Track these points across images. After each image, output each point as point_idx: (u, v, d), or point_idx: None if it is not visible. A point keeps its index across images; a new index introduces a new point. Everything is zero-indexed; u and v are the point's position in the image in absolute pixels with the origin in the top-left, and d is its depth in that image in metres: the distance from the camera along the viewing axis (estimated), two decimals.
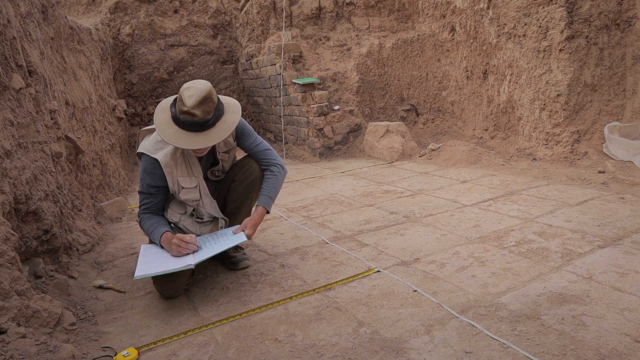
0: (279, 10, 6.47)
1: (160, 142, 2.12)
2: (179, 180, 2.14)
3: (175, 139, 1.95)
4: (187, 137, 1.95)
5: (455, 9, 5.76)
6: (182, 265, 1.94)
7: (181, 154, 2.14)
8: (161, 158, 2.07)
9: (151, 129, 2.23)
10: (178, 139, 1.95)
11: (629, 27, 4.30)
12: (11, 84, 2.16)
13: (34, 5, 2.91)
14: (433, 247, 2.53)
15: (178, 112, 1.94)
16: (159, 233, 2.09)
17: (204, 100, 1.93)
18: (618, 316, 1.70)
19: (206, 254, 1.98)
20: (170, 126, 1.98)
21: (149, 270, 1.93)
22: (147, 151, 2.09)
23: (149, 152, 2.09)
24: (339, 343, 1.66)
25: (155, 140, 2.13)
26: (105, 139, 4.41)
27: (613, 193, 3.27)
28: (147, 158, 2.09)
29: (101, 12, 6.87)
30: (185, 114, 1.92)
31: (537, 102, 4.60)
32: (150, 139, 2.15)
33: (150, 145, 2.12)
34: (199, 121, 1.93)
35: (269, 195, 2.25)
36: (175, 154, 2.11)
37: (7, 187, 1.85)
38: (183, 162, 2.15)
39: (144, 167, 2.11)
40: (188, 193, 2.17)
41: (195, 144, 1.95)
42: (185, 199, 2.18)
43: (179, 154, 2.13)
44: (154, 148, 2.10)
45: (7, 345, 1.42)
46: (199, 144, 1.96)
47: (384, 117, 6.30)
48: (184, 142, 1.94)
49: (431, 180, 4.12)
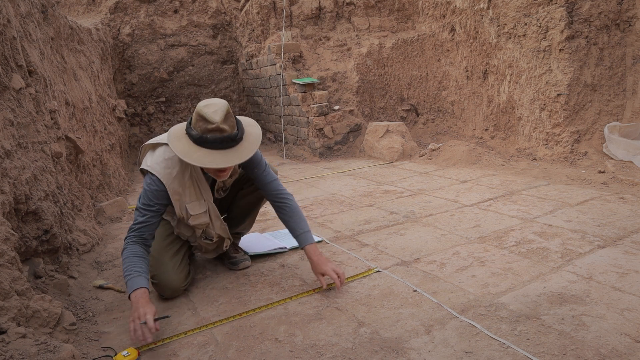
0: (279, 10, 6.47)
1: (168, 159, 1.98)
2: (187, 207, 2.04)
3: (208, 160, 1.83)
4: (219, 156, 1.84)
5: (455, 9, 5.76)
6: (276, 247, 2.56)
7: (189, 177, 2.02)
8: (169, 185, 1.96)
9: (154, 143, 2.10)
10: (212, 159, 1.83)
11: (629, 27, 4.30)
12: (11, 84, 2.16)
13: (34, 5, 2.91)
14: (433, 247, 2.53)
15: (203, 132, 1.83)
16: (133, 284, 1.80)
17: (227, 114, 1.85)
18: (618, 316, 1.70)
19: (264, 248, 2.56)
20: (196, 150, 1.85)
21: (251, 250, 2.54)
22: (154, 171, 1.96)
23: (157, 172, 1.96)
24: (339, 343, 1.66)
25: (163, 157, 1.99)
26: (105, 139, 4.41)
27: (613, 193, 3.27)
28: (155, 179, 1.96)
29: (101, 12, 6.87)
30: (214, 131, 1.82)
31: (537, 102, 4.60)
32: (157, 156, 2.01)
33: (158, 164, 1.98)
34: (230, 135, 1.84)
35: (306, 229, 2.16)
36: (183, 178, 2.00)
37: (7, 187, 1.85)
38: (192, 186, 2.04)
39: (150, 185, 1.96)
40: (198, 219, 2.09)
41: (230, 161, 1.85)
42: (195, 224, 2.10)
43: (187, 177, 2.01)
44: (161, 167, 1.97)
45: (7, 345, 1.42)
46: (234, 159, 1.86)
47: (384, 117, 6.30)
48: (218, 162, 1.84)
49: (431, 180, 4.12)
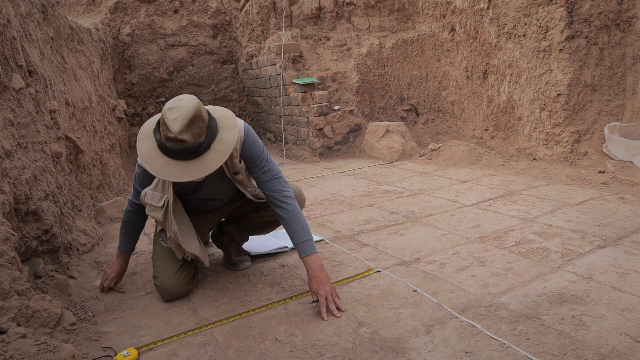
0: (279, 10, 6.46)
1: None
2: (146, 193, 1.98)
3: (165, 171, 1.70)
4: (178, 168, 1.70)
5: (455, 9, 5.76)
6: (277, 247, 2.57)
7: None
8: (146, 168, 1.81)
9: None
10: (169, 171, 1.70)
11: (629, 27, 4.30)
12: (11, 84, 2.16)
13: (34, 5, 2.91)
14: (433, 247, 2.53)
15: (164, 139, 1.67)
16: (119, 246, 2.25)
17: (192, 121, 1.65)
18: (618, 316, 1.70)
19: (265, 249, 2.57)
20: (157, 156, 1.72)
21: (253, 249, 2.55)
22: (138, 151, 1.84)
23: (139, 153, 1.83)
24: (339, 343, 1.66)
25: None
26: (105, 139, 4.41)
27: (613, 193, 3.27)
28: (139, 161, 1.94)
29: (101, 12, 6.87)
30: (173, 141, 1.65)
31: (537, 102, 4.60)
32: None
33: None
34: (190, 147, 1.67)
35: (305, 238, 1.95)
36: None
37: (7, 187, 1.85)
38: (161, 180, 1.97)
39: (137, 167, 2.00)
40: (153, 211, 1.99)
41: (189, 175, 1.70)
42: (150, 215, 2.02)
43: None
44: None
45: (7, 345, 1.42)
46: (194, 174, 1.70)
47: (384, 117, 6.29)
48: (176, 175, 1.70)
49: (431, 180, 4.12)
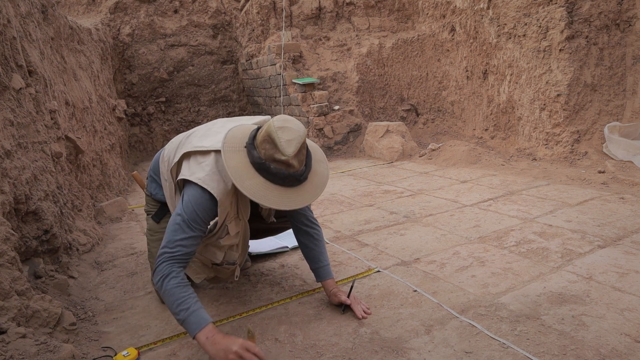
0: (279, 10, 6.46)
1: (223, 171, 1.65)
2: (228, 227, 1.75)
3: (261, 194, 1.51)
4: (276, 193, 1.52)
5: (455, 9, 5.76)
6: (277, 247, 2.51)
7: (235, 191, 1.69)
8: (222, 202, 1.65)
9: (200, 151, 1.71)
10: (265, 194, 1.51)
11: (629, 27, 4.30)
12: (11, 84, 2.16)
13: (34, 5, 2.91)
14: (433, 247, 2.53)
15: (267, 159, 1.51)
16: (199, 319, 1.48)
17: (302, 146, 1.52)
18: (618, 316, 1.70)
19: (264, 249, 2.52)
20: (251, 175, 1.53)
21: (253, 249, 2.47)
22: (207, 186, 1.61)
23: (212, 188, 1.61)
24: (339, 343, 1.66)
25: (216, 169, 1.65)
26: (105, 139, 4.42)
27: (613, 193, 3.27)
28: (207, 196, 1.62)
29: (101, 12, 6.87)
30: (280, 164, 1.50)
31: (537, 102, 4.60)
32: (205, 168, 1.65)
33: (209, 175, 1.63)
34: (296, 174, 1.52)
35: (327, 262, 1.95)
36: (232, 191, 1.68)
37: (7, 187, 1.85)
38: (235, 202, 1.74)
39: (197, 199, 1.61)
40: (231, 239, 1.80)
41: (287, 204, 1.53)
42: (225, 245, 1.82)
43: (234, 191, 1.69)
44: (214, 181, 1.63)
45: (7, 345, 1.42)
46: (291, 203, 1.54)
47: (384, 117, 6.29)
48: (273, 200, 1.52)
49: (431, 180, 4.12)
